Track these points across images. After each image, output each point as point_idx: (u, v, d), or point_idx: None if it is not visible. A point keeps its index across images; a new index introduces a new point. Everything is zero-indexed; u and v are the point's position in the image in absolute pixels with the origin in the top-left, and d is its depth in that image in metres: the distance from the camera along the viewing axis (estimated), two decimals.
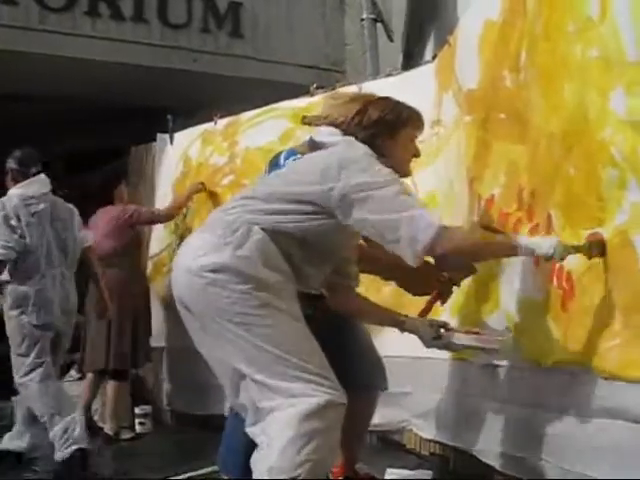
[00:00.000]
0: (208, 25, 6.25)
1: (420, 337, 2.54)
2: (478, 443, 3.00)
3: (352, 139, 2.38)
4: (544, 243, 2.21)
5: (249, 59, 6.33)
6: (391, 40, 5.41)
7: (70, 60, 5.71)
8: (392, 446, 3.75)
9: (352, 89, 4.32)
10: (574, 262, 2.33)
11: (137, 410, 4.80)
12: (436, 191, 3.64)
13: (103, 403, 4.69)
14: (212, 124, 5.05)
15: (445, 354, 3.31)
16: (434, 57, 3.86)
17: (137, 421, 4.76)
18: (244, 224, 2.21)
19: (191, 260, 2.23)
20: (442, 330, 2.50)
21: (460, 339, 2.46)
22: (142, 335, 4.63)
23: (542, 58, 2.49)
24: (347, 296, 2.60)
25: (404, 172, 2.48)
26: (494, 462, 2.88)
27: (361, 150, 2.31)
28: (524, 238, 2.38)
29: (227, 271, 2.16)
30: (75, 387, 4.95)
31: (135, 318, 4.58)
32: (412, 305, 2.83)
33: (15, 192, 3.83)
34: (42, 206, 3.82)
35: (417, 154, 2.57)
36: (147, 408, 4.84)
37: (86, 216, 4.53)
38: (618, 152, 2.16)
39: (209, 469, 3.50)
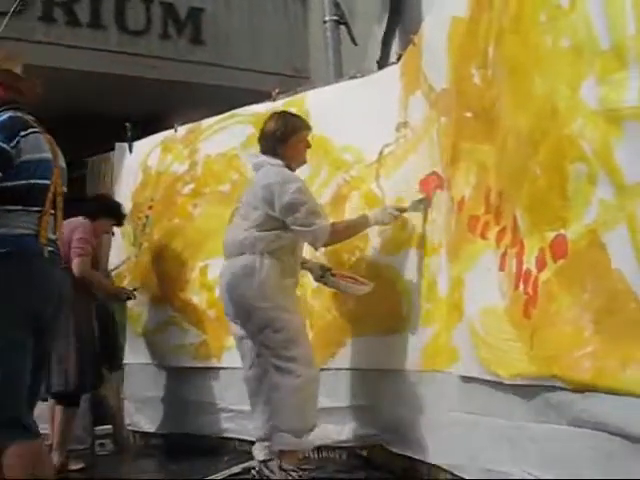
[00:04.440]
0: (168, 31, 6.09)
1: (311, 272, 3.60)
2: (452, 458, 2.85)
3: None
4: (379, 214, 3.41)
5: (210, 66, 6.19)
6: (354, 43, 5.30)
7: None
8: (361, 462, 3.59)
9: (311, 93, 4.24)
10: (539, 265, 2.22)
11: (96, 431, 4.59)
12: (403, 195, 3.51)
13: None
14: (172, 132, 4.90)
15: (415, 366, 3.22)
16: (398, 58, 3.74)
17: (97, 442, 4.55)
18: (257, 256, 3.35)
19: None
20: (328, 273, 3.53)
21: (335, 282, 3.51)
22: (88, 356, 4.15)
23: (510, 51, 2.38)
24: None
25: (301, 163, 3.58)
26: (471, 477, 2.74)
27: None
28: (371, 215, 3.43)
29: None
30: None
31: (79, 337, 4.12)
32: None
33: None
34: None
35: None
36: (108, 428, 4.63)
37: None
38: (588, 145, 2.05)
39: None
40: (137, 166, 5.07)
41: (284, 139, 3.45)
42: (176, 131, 4.87)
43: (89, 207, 4.45)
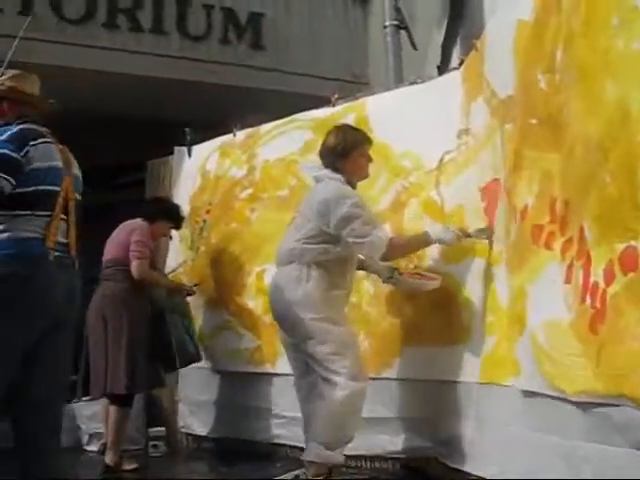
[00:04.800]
0: (228, 36, 6.12)
1: (379, 275, 3.57)
2: (509, 474, 2.76)
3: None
4: (442, 233, 3.32)
5: (270, 71, 6.19)
6: (415, 48, 5.23)
7: (88, 73, 5.60)
8: (413, 475, 3.52)
9: (371, 98, 4.19)
10: (607, 278, 2.12)
11: (150, 432, 4.62)
12: (463, 204, 3.44)
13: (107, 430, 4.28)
14: (231, 136, 4.91)
15: (473, 378, 3.14)
16: (460, 63, 3.67)
17: (150, 443, 4.58)
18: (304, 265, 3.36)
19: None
20: (396, 272, 3.48)
21: (404, 280, 3.47)
22: (142, 357, 4.13)
23: (580, 56, 2.29)
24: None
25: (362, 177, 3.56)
26: None
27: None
28: (433, 232, 3.34)
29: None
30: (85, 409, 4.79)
31: (133, 339, 4.12)
32: None
33: None
34: None
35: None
36: (160, 430, 4.66)
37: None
38: None
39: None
40: (196, 170, 5.10)
41: (345, 154, 3.42)
42: (235, 136, 4.88)
43: (147, 209, 4.49)
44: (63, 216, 2.81)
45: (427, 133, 3.71)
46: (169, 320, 4.38)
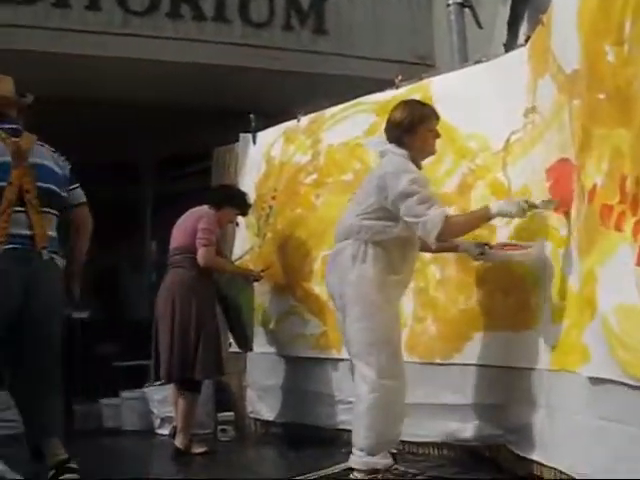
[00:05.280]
0: (291, 22, 6.09)
1: (468, 253, 3.35)
2: (580, 466, 2.67)
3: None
4: (505, 205, 3.10)
5: (333, 55, 6.14)
6: (480, 26, 5.09)
7: (153, 63, 5.67)
8: (483, 463, 3.45)
9: (436, 79, 4.11)
10: None
11: (219, 417, 4.68)
12: (529, 184, 3.34)
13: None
14: (295, 122, 4.90)
15: (544, 365, 3.05)
16: (526, 40, 3.55)
17: (219, 428, 4.64)
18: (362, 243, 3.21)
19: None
20: (486, 247, 3.28)
21: (496, 254, 3.27)
22: (210, 344, 4.20)
23: None
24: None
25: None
26: None
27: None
28: (495, 206, 3.13)
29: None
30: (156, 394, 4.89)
31: (201, 325, 4.20)
32: None
33: None
34: None
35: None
36: (229, 415, 4.71)
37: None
38: None
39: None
40: (261, 157, 5.12)
41: (411, 129, 3.29)
42: (299, 121, 4.87)
43: (214, 196, 4.53)
44: (19, 208, 2.95)
45: (493, 113, 3.62)
46: (232, 305, 4.43)
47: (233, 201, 4.55)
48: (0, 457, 3.31)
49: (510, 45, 4.42)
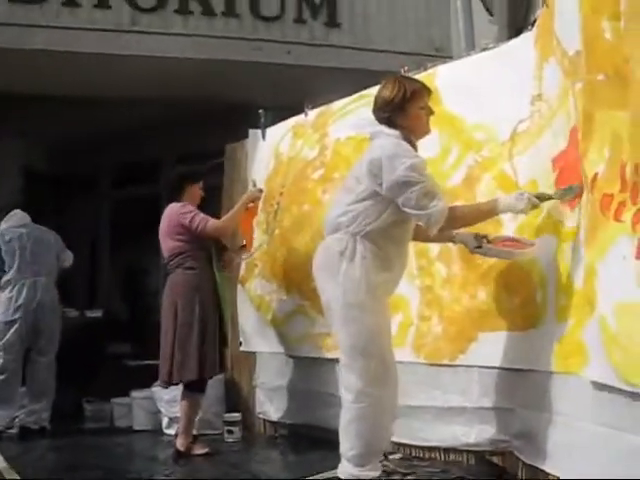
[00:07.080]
0: (302, 16, 5.98)
1: (466, 244, 3.16)
2: (584, 474, 2.51)
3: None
4: (513, 200, 2.89)
5: (347, 49, 6.03)
6: (490, 13, 4.93)
7: (162, 60, 5.62)
8: (490, 469, 3.30)
9: (441, 68, 3.95)
10: None
11: (225, 418, 4.60)
12: (537, 177, 3.17)
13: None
14: (302, 116, 4.78)
15: (547, 367, 2.88)
16: (533, 23, 3.38)
17: (225, 429, 4.56)
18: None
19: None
20: (484, 241, 3.09)
21: (494, 250, 3.09)
22: (211, 344, 4.14)
23: None
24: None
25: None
26: None
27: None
28: (503, 201, 2.94)
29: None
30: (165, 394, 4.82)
31: (204, 326, 4.14)
32: None
33: None
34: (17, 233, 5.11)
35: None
36: (236, 416, 4.63)
37: None
38: None
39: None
40: (270, 152, 5.01)
41: (402, 107, 3.03)
42: (306, 115, 4.76)
43: (170, 195, 4.48)
44: None
45: (500, 102, 3.45)
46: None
47: (183, 184, 4.46)
48: None
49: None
